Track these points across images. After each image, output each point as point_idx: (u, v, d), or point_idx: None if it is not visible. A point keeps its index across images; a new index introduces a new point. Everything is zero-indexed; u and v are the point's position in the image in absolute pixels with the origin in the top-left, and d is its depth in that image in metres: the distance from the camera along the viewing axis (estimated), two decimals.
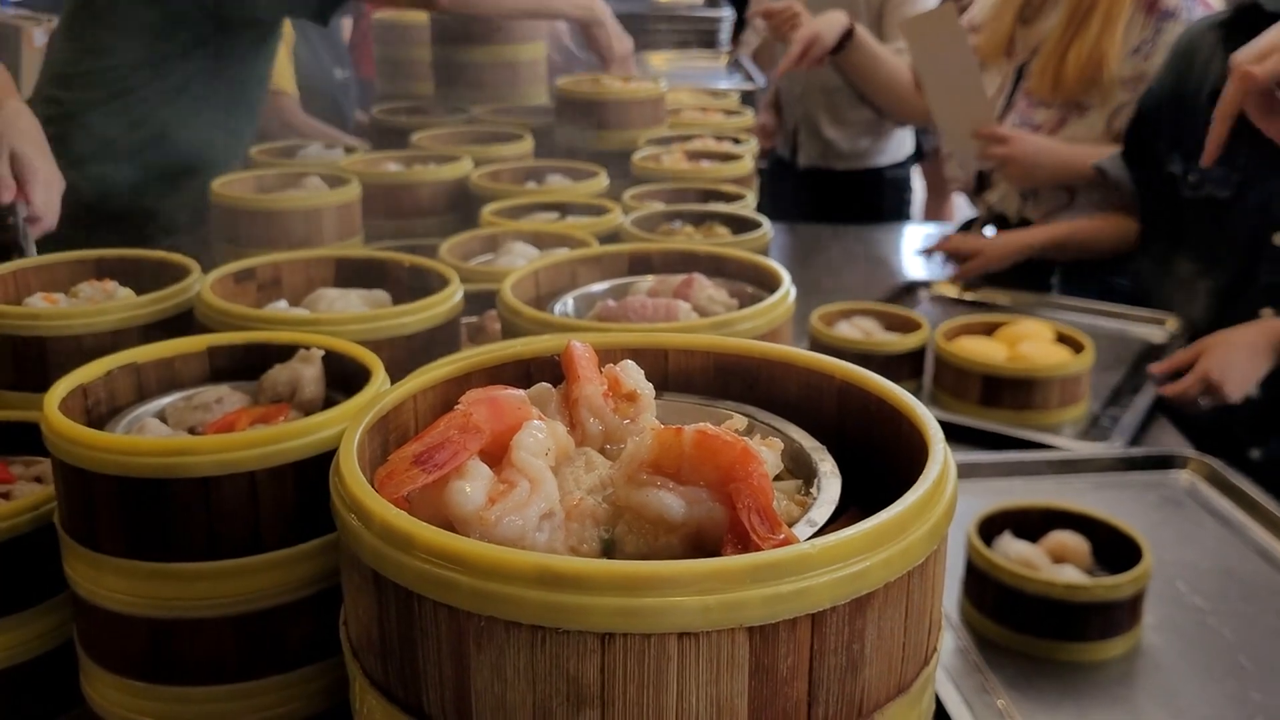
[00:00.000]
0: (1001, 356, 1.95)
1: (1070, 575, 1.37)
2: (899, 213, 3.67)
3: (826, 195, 3.55)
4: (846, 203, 3.52)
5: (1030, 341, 2.00)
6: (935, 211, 4.77)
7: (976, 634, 1.39)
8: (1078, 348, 1.97)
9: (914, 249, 3.06)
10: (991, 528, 1.45)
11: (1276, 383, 2.01)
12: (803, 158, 3.60)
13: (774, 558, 0.57)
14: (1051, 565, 1.40)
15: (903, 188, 3.68)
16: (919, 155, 4.06)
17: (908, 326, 2.05)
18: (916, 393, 1.88)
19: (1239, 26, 2.13)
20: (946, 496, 0.65)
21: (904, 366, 1.99)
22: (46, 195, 1.58)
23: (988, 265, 2.51)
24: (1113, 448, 1.82)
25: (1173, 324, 2.29)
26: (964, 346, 1.98)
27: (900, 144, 3.64)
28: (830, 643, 0.59)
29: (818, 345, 1.97)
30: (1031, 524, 1.46)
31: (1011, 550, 1.41)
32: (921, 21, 2.57)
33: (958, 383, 1.95)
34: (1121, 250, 2.46)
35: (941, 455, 0.68)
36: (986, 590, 1.38)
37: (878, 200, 3.57)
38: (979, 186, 2.76)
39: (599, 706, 0.57)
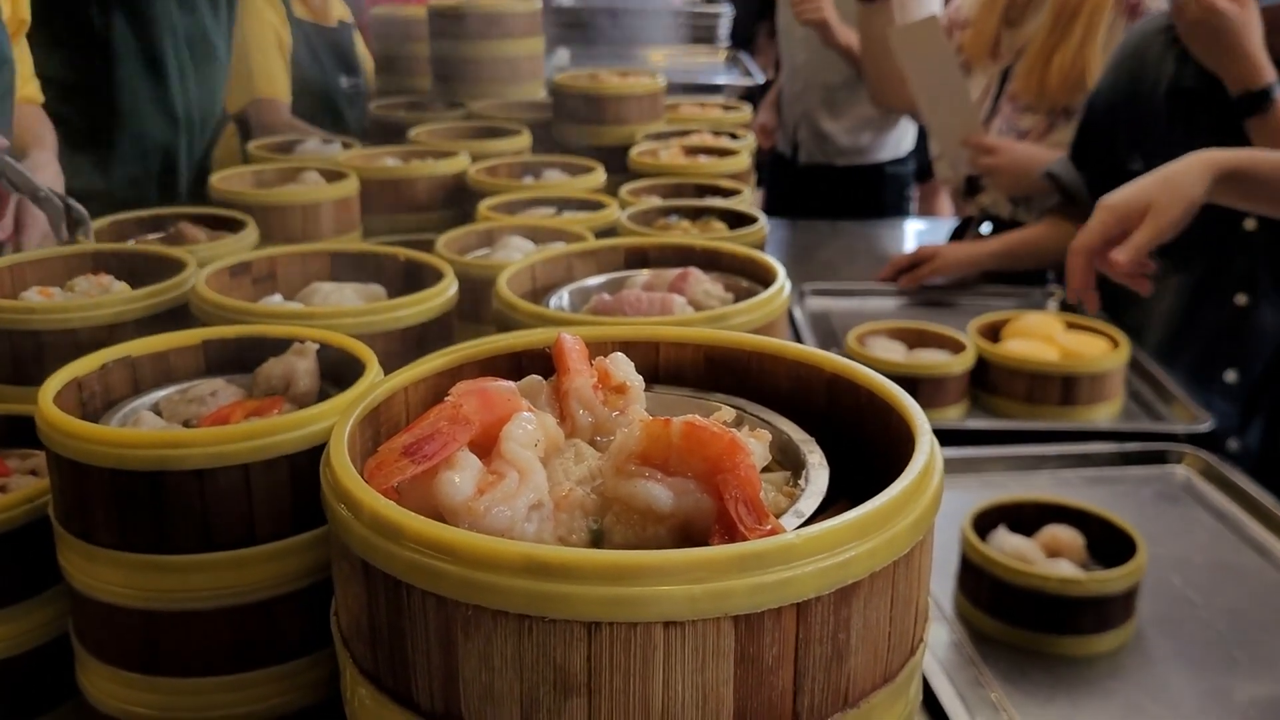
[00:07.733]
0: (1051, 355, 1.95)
1: (1065, 569, 1.38)
2: (899, 208, 3.67)
3: (827, 191, 3.56)
4: (847, 198, 3.53)
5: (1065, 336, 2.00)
6: (928, 206, 4.77)
7: (971, 628, 1.39)
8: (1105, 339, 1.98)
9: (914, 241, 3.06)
10: (986, 522, 1.45)
11: (1255, 368, 2.00)
12: (803, 155, 3.61)
13: (759, 547, 0.58)
14: (1046, 559, 1.41)
15: (903, 183, 3.68)
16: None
17: (941, 344, 2.03)
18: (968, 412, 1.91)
19: None
20: (932, 487, 0.65)
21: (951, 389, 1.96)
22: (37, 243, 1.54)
23: (939, 272, 2.49)
24: (1108, 443, 1.82)
25: None
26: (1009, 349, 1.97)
27: (900, 140, 3.64)
28: (815, 632, 0.60)
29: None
30: (1026, 518, 1.47)
31: (1006, 544, 1.42)
32: (909, 31, 2.61)
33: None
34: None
35: (928, 446, 0.68)
36: (981, 584, 1.39)
37: (878, 196, 3.58)
38: (969, 189, 2.76)
39: (585, 695, 0.58)
